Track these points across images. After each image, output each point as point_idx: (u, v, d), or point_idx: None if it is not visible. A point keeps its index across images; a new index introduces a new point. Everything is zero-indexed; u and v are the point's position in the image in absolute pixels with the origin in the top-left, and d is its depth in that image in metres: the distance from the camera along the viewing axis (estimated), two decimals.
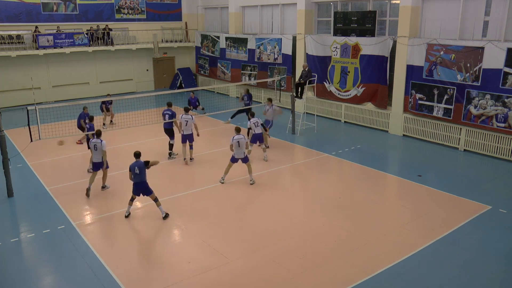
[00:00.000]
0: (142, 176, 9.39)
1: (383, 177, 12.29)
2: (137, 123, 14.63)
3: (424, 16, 15.11)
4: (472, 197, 10.54)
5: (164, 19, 26.45)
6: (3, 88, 21.22)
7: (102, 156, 10.85)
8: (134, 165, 9.29)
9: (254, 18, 22.59)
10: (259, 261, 7.95)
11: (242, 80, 22.51)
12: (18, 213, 10.30)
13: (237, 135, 11.28)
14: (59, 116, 15.48)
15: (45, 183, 11.77)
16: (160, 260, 8.03)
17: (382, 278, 7.43)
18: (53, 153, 14.14)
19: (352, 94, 17.42)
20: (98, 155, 10.86)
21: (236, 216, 9.96)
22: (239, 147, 11.20)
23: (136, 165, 9.29)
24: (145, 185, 9.49)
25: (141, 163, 9.32)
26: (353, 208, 10.14)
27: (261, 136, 13.03)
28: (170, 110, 13.64)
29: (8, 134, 15.16)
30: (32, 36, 21.59)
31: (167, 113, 13.59)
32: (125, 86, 25.00)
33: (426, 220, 9.44)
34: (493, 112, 13.06)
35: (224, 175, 11.54)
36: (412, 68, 15.08)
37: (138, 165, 9.28)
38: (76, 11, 23.28)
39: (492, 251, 8.23)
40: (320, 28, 19.30)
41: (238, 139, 11.17)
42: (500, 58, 12.61)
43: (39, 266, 8.03)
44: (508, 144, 13.03)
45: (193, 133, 12.92)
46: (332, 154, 13.98)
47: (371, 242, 8.57)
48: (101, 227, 9.40)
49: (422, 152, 14.27)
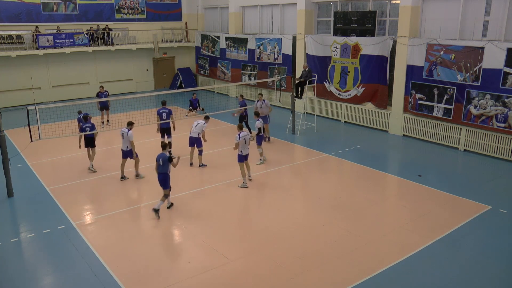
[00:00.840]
0: (164, 168, 9.74)
1: (383, 177, 12.29)
2: (138, 123, 14.61)
3: (424, 16, 15.11)
4: (472, 197, 10.54)
5: (164, 19, 26.46)
6: (3, 88, 21.22)
7: (130, 145, 11.59)
8: (159, 156, 9.77)
9: (254, 18, 22.59)
10: (259, 261, 7.95)
11: (242, 80, 22.52)
12: (18, 213, 10.30)
13: (242, 132, 11.42)
14: (59, 116, 15.47)
15: (45, 183, 11.76)
16: (160, 260, 8.03)
17: (382, 278, 7.43)
18: (53, 153, 14.14)
19: (352, 94, 17.42)
20: (125, 143, 11.65)
21: (236, 216, 9.96)
22: (245, 143, 11.40)
23: (161, 156, 9.75)
24: (164, 178, 9.80)
25: (165, 156, 9.74)
26: (353, 208, 10.14)
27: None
28: (166, 108, 13.67)
29: (8, 134, 15.16)
30: (32, 36, 21.59)
31: (164, 112, 13.57)
32: (125, 86, 25.00)
33: (426, 220, 9.44)
34: (493, 112, 13.06)
35: (244, 178, 11.44)
36: (412, 68, 15.08)
37: (163, 157, 9.73)
38: (76, 11, 23.28)
39: (492, 251, 8.23)
40: (320, 28, 19.31)
41: (244, 136, 11.35)
42: (500, 58, 12.61)
43: (39, 266, 8.02)
44: (508, 144, 13.03)
45: (201, 138, 12.73)
46: (332, 154, 13.98)
47: (371, 242, 8.57)
48: (101, 227, 9.40)
49: (422, 152, 14.27)
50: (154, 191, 11.18)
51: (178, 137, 14.83)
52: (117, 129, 16.15)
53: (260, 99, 14.92)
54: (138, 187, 11.58)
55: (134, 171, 12.10)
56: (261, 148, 13.02)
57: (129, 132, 11.57)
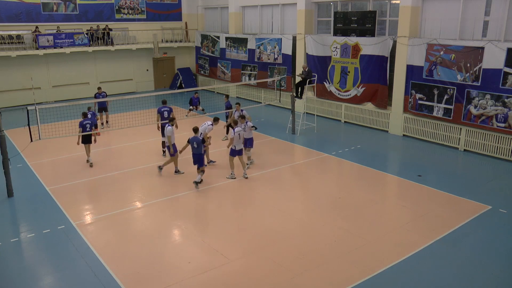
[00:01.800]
0: (199, 149, 11.03)
1: (383, 177, 12.29)
2: (137, 123, 14.63)
3: (424, 16, 15.11)
4: (472, 197, 10.54)
5: (164, 19, 26.45)
6: (3, 88, 21.21)
7: (167, 140, 12.00)
8: (193, 140, 10.99)
9: (254, 18, 22.59)
10: (259, 261, 7.95)
11: (242, 80, 22.52)
12: (18, 213, 10.29)
13: (236, 127, 11.65)
14: (59, 116, 15.48)
15: (45, 183, 11.76)
16: (160, 260, 8.03)
17: (382, 278, 7.43)
18: (53, 153, 14.14)
19: (352, 94, 17.42)
20: (172, 138, 12.08)
21: (236, 216, 9.96)
22: (239, 139, 11.62)
23: (194, 140, 10.99)
24: (199, 157, 11.14)
25: (199, 139, 11.00)
26: (353, 208, 10.14)
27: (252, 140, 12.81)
28: (167, 107, 13.93)
29: (8, 134, 15.16)
30: (32, 36, 21.58)
31: (166, 110, 13.77)
32: (125, 86, 24.99)
33: (426, 220, 9.44)
34: (493, 112, 13.06)
35: (232, 169, 11.85)
36: (412, 68, 15.08)
37: (196, 140, 10.97)
38: (76, 11, 23.28)
39: (492, 251, 8.23)
40: (320, 28, 19.31)
41: (238, 131, 11.61)
42: (500, 58, 12.62)
43: (39, 266, 8.02)
44: (508, 144, 13.03)
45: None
46: (332, 154, 13.98)
47: (371, 242, 8.57)
48: (101, 227, 9.39)
49: (422, 152, 14.28)
50: (154, 191, 11.20)
51: (178, 136, 14.81)
52: (117, 130, 16.28)
53: (237, 109, 13.51)
54: (138, 187, 11.57)
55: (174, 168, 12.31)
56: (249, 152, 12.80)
57: (168, 127, 11.98)
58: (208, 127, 12.32)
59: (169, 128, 11.93)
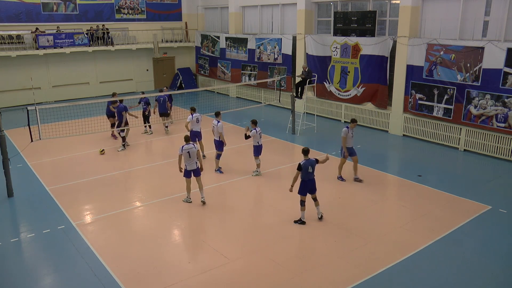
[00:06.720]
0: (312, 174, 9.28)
1: (383, 177, 12.29)
2: (138, 123, 14.65)
3: (424, 16, 15.11)
4: (472, 197, 10.54)
5: (164, 19, 26.45)
6: (3, 88, 21.20)
7: (218, 136, 12.18)
8: (307, 164, 9.09)
9: (254, 18, 22.59)
10: (259, 261, 7.95)
11: (242, 80, 22.52)
12: (18, 213, 10.29)
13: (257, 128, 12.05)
14: (59, 116, 15.49)
15: (45, 183, 11.76)
16: (160, 260, 8.03)
17: (382, 278, 7.43)
18: (53, 153, 14.14)
19: (352, 94, 17.42)
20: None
21: (236, 216, 9.95)
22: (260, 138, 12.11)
23: (308, 164, 9.11)
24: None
25: (313, 161, 9.21)
26: (353, 208, 10.14)
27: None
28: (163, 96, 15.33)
29: (8, 134, 15.16)
30: (32, 36, 21.57)
31: (162, 98, 15.27)
32: (125, 86, 24.97)
33: (426, 220, 9.44)
34: (493, 112, 13.06)
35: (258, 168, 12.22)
36: (412, 68, 15.08)
37: (311, 164, 9.16)
38: (76, 11, 23.27)
39: (492, 251, 8.23)
40: (320, 28, 19.30)
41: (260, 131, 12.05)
42: (500, 58, 12.62)
43: (39, 266, 8.02)
44: (508, 144, 13.03)
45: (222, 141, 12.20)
46: (332, 154, 13.96)
47: (371, 242, 8.56)
48: (101, 227, 9.39)
49: (422, 152, 14.27)
50: (154, 191, 11.19)
51: (176, 137, 14.82)
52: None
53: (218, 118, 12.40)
54: (138, 187, 11.58)
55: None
56: (258, 159, 12.19)
57: (218, 124, 12.00)
58: (219, 126, 12.01)
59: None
